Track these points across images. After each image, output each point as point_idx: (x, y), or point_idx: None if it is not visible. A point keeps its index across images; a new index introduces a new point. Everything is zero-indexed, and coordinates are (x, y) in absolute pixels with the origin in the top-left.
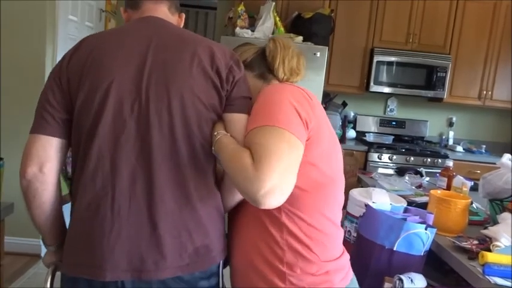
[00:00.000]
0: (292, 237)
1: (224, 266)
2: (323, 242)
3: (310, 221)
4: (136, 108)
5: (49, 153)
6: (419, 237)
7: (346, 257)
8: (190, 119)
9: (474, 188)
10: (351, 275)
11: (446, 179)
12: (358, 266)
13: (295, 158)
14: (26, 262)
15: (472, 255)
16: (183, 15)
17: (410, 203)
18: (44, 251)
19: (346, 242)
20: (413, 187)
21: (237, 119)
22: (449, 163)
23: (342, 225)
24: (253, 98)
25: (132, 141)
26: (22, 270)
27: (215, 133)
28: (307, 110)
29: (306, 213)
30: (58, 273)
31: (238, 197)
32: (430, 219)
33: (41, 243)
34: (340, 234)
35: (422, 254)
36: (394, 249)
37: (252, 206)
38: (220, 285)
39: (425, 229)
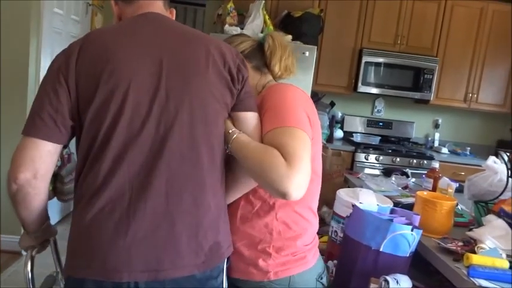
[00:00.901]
0: (282, 224)
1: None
2: (306, 228)
3: (298, 210)
4: (155, 109)
5: (44, 159)
6: (405, 238)
7: (317, 238)
8: (210, 118)
9: (459, 190)
10: (318, 252)
11: (432, 181)
12: (344, 266)
13: (310, 154)
14: (6, 259)
15: (457, 256)
16: (174, 11)
17: (396, 204)
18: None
19: (332, 243)
20: (400, 188)
21: (249, 117)
22: (436, 165)
23: (329, 224)
24: (252, 89)
25: (151, 142)
26: (2, 267)
27: (230, 131)
28: (313, 113)
29: (295, 203)
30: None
31: (242, 192)
32: (416, 220)
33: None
34: (317, 222)
35: (408, 255)
36: (380, 250)
37: (244, 195)
38: (224, 283)
39: (411, 230)
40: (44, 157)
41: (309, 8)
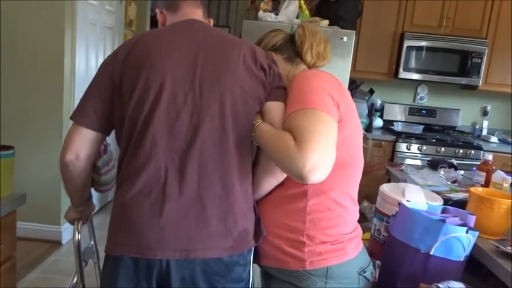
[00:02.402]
0: (316, 211)
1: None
2: (343, 216)
3: (333, 196)
4: (189, 100)
5: (86, 145)
6: (459, 241)
7: (359, 229)
8: (239, 111)
9: None
10: (362, 244)
11: (484, 174)
12: (389, 268)
13: (332, 135)
14: (46, 249)
15: None
16: (211, 20)
17: (446, 201)
18: (65, 237)
19: (374, 241)
20: (449, 182)
21: (274, 107)
22: (489, 156)
23: (370, 220)
24: (283, 83)
25: (185, 130)
26: (43, 256)
27: (254, 122)
28: (338, 94)
29: (331, 189)
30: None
31: (271, 183)
32: (472, 221)
33: (62, 229)
34: (357, 210)
35: (462, 260)
36: (431, 253)
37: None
38: (251, 274)
39: (467, 232)
40: (85, 143)
41: None
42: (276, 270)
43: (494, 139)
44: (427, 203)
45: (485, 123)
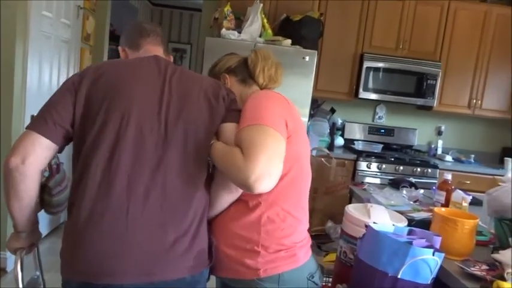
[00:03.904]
0: (270, 222)
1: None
2: (295, 226)
3: (286, 207)
4: (155, 132)
5: (36, 150)
6: (426, 263)
7: (309, 238)
8: (201, 142)
9: (471, 202)
10: (310, 251)
11: (444, 193)
12: None
13: (279, 148)
14: None
15: (485, 283)
16: (172, 57)
17: (409, 220)
18: (10, 264)
19: (341, 264)
20: (411, 202)
21: (227, 128)
22: (448, 176)
23: (334, 241)
24: (238, 107)
25: (149, 158)
26: None
27: (210, 142)
28: (287, 112)
29: (284, 201)
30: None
31: (227, 199)
32: (438, 242)
33: (7, 256)
34: (307, 220)
35: (429, 282)
36: (399, 276)
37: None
38: None
39: (433, 254)
40: (35, 147)
41: (309, 11)
42: (232, 281)
43: (448, 158)
44: (393, 225)
45: (440, 143)
